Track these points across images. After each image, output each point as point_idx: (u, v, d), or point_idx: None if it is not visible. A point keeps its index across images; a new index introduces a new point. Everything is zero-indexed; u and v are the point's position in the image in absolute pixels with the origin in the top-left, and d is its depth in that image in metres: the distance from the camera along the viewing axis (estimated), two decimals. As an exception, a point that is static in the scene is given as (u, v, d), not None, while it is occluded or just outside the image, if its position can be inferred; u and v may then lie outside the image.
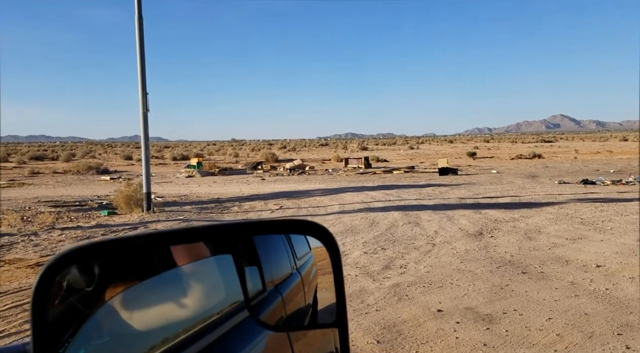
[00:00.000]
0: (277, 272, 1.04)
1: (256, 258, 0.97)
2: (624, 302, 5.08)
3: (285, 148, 75.99)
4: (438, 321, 4.65)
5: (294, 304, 1.04)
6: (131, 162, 41.67)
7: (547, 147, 59.33)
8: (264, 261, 0.99)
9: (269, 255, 1.02)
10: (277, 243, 1.05)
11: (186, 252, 0.86)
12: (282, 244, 1.06)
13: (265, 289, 0.98)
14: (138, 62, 12.30)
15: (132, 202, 12.08)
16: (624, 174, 19.87)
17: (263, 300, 0.97)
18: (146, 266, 0.82)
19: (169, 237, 0.85)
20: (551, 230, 8.91)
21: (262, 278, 0.98)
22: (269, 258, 1.01)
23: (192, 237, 0.88)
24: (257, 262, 0.97)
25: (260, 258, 0.98)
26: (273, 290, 1.00)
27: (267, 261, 1.00)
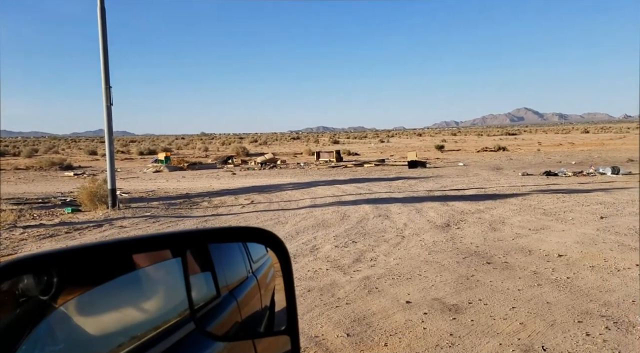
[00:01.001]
0: (231, 276, 1.02)
1: (210, 263, 0.96)
2: (584, 290, 5.28)
3: (256, 142, 75.46)
4: (406, 312, 4.74)
5: (249, 308, 1.03)
6: (96, 157, 40.56)
7: (512, 139, 60.87)
8: (217, 266, 0.97)
9: (223, 259, 1.00)
10: (232, 247, 1.04)
11: (145, 255, 0.85)
12: (236, 247, 1.05)
13: (220, 294, 0.97)
14: (101, 54, 11.95)
15: (97, 199, 11.77)
16: (585, 166, 20.59)
17: (217, 306, 0.95)
18: (103, 270, 0.80)
19: (120, 247, 0.84)
20: (515, 221, 9.17)
21: (216, 284, 0.96)
22: (222, 262, 0.99)
23: (143, 247, 0.86)
24: (210, 267, 0.96)
25: (214, 263, 0.96)
26: (227, 296, 0.99)
27: (221, 266, 0.98)
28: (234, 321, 0.99)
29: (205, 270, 0.96)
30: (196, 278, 0.92)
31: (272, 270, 1.07)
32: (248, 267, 1.07)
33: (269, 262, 1.08)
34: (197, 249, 0.93)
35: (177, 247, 0.89)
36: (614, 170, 17.32)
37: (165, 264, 0.88)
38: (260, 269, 1.09)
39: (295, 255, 7.06)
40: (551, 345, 3.95)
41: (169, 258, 0.88)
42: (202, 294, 0.92)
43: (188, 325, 0.87)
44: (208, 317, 0.92)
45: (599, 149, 34.84)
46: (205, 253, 0.95)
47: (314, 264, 6.58)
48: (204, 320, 0.91)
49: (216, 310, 0.95)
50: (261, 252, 1.08)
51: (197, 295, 0.90)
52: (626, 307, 4.72)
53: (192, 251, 0.91)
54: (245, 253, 1.06)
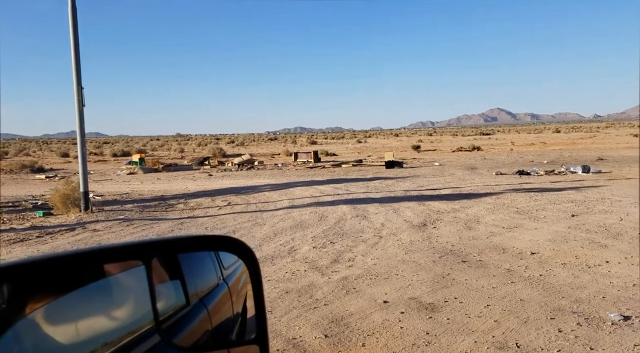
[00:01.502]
0: (201, 284, 1.00)
1: (179, 271, 0.94)
2: (556, 287, 5.40)
3: (233, 143, 74.87)
4: (384, 312, 4.77)
5: (220, 316, 1.02)
6: (68, 159, 39.63)
7: (486, 139, 61.95)
8: (187, 274, 0.95)
9: (193, 267, 0.98)
10: (202, 254, 1.02)
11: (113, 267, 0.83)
12: (207, 254, 1.03)
13: (189, 303, 0.95)
14: (72, 54, 11.69)
15: (70, 202, 11.51)
16: (557, 165, 21.11)
17: (186, 316, 0.94)
18: (70, 278, 0.78)
19: (83, 258, 0.82)
20: (489, 220, 9.33)
21: (186, 292, 0.94)
22: (192, 270, 0.97)
23: (109, 257, 0.84)
24: (179, 275, 0.94)
25: (183, 270, 0.94)
26: (197, 304, 0.97)
27: (191, 273, 0.96)
28: (204, 330, 0.97)
29: (174, 279, 0.94)
30: (164, 286, 0.90)
31: (244, 276, 1.06)
32: (219, 274, 1.05)
33: (240, 269, 1.06)
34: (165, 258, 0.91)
35: (143, 257, 0.87)
36: (585, 169, 17.80)
37: (136, 271, 0.87)
38: (232, 276, 1.08)
39: (273, 256, 7.04)
40: (525, 341, 4.02)
41: (140, 265, 0.87)
42: (171, 303, 0.90)
43: (154, 337, 0.86)
44: (176, 327, 0.90)
45: (570, 148, 35.77)
46: (174, 260, 0.94)
47: (292, 265, 6.56)
48: (172, 330, 0.89)
49: (185, 320, 0.93)
50: (232, 259, 1.06)
51: (165, 304, 0.88)
52: (597, 303, 4.85)
53: (160, 259, 0.89)
54: (215, 260, 1.04)
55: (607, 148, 33.59)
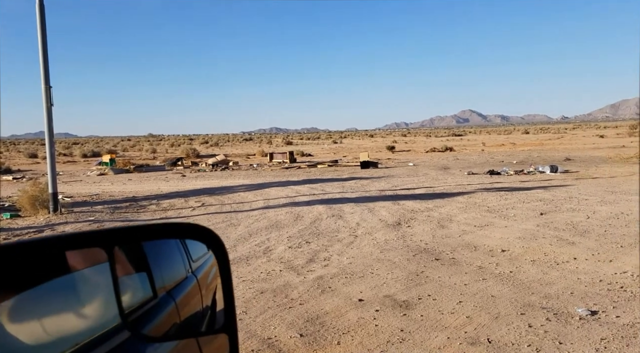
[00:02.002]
0: (169, 276, 0.98)
1: (145, 262, 0.92)
2: (526, 283, 5.53)
3: (207, 143, 74.05)
4: (359, 310, 4.80)
5: (189, 309, 1.00)
6: (36, 160, 38.49)
7: (458, 140, 62.99)
8: (154, 265, 0.93)
9: (160, 258, 0.96)
10: (170, 245, 1.00)
11: (80, 257, 0.80)
12: (174, 246, 1.01)
13: (157, 296, 0.93)
14: (40, 52, 11.37)
15: (38, 203, 11.19)
16: (526, 165, 21.60)
17: (153, 308, 0.92)
18: (32, 272, 0.75)
19: (42, 245, 0.78)
20: (461, 219, 9.49)
21: (153, 284, 0.92)
22: (159, 262, 0.95)
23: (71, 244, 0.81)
24: (146, 267, 0.92)
25: (150, 262, 0.92)
26: (165, 296, 0.95)
27: (158, 265, 0.94)
28: (172, 322, 0.95)
29: (141, 270, 0.92)
30: (130, 279, 0.87)
31: (214, 269, 1.05)
32: (187, 266, 1.03)
33: (210, 261, 1.05)
34: (130, 247, 0.89)
35: (106, 245, 0.84)
36: (553, 169, 18.28)
37: (102, 267, 0.84)
38: (201, 268, 1.06)
39: (249, 257, 7.00)
40: (496, 337, 4.11)
41: (106, 262, 0.85)
42: (138, 296, 0.88)
43: (122, 329, 0.84)
44: (144, 320, 0.88)
45: (539, 148, 36.68)
46: (140, 252, 0.91)
47: (267, 266, 6.54)
48: (139, 322, 0.87)
49: (152, 312, 0.91)
50: (202, 251, 1.04)
51: (131, 297, 0.85)
52: (565, 299, 4.99)
53: (125, 250, 0.87)
54: (184, 252, 1.03)
55: (574, 148, 34.60)
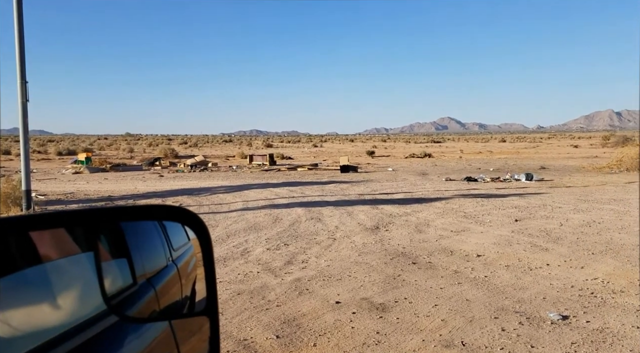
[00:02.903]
0: (149, 264, 0.98)
1: (126, 250, 0.91)
2: (500, 288, 5.63)
3: (186, 144, 73.31)
4: (336, 313, 4.81)
5: (169, 297, 1.00)
6: (9, 157, 37.51)
7: (437, 147, 63.75)
8: (134, 253, 0.92)
9: (141, 246, 0.96)
10: (151, 234, 1.00)
11: (53, 246, 0.79)
12: (156, 234, 1.01)
13: (136, 282, 0.93)
14: (17, 47, 11.11)
15: (10, 201, 10.91)
16: (502, 172, 21.99)
17: (133, 294, 0.91)
18: (6, 260, 0.73)
19: (24, 222, 0.76)
20: (438, 224, 9.60)
21: (133, 272, 0.92)
22: (140, 249, 0.95)
23: (51, 223, 0.79)
24: (127, 254, 0.91)
25: (131, 249, 0.92)
26: (145, 284, 0.95)
27: (138, 253, 0.94)
28: (152, 309, 0.95)
29: (121, 257, 0.91)
30: (110, 265, 0.87)
31: (194, 259, 1.05)
32: (168, 254, 1.03)
33: (190, 251, 1.05)
34: (110, 232, 0.88)
35: (86, 224, 0.83)
36: (528, 177, 18.66)
37: (76, 258, 0.83)
38: (181, 258, 1.06)
39: (226, 258, 6.95)
40: (470, 340, 4.17)
41: (79, 253, 0.83)
42: (117, 282, 0.87)
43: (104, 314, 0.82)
44: (124, 305, 0.88)
45: (515, 157, 37.38)
46: (121, 238, 0.91)
47: (244, 267, 6.50)
48: (121, 307, 0.86)
49: (133, 298, 0.91)
50: (182, 240, 1.05)
51: (111, 283, 0.85)
52: (538, 304, 5.09)
53: (106, 236, 0.86)
54: (164, 241, 1.02)
55: (549, 158, 35.39)
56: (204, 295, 1.00)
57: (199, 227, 0.99)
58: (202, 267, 1.01)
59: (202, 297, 1.02)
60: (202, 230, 0.99)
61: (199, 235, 0.99)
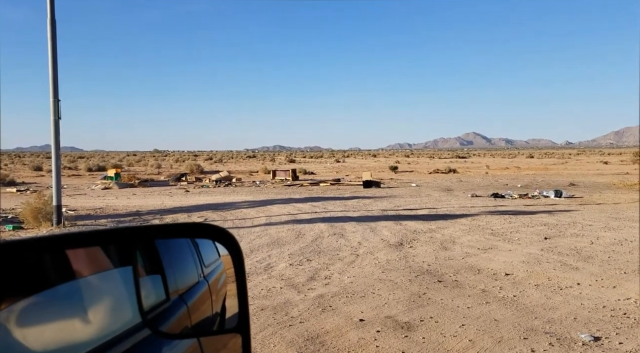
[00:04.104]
0: (182, 280, 1.00)
1: (160, 266, 0.93)
2: (529, 308, 5.48)
3: (211, 159, 74.35)
4: (360, 330, 4.75)
5: (200, 313, 1.01)
6: (41, 173, 38.67)
7: (461, 162, 62.98)
8: (167, 269, 0.94)
9: (174, 263, 0.98)
10: (183, 251, 1.02)
11: (87, 263, 0.80)
12: (188, 251, 1.03)
13: (169, 298, 0.94)
14: (50, 66, 11.53)
15: (41, 216, 11.21)
16: (530, 189, 21.55)
17: (166, 310, 0.93)
18: (41, 277, 0.75)
19: (62, 240, 0.78)
20: (464, 241, 9.44)
21: (166, 287, 0.94)
22: (173, 266, 0.97)
23: (88, 241, 0.82)
24: (160, 270, 0.93)
25: (164, 266, 0.94)
26: (177, 300, 0.97)
27: (172, 269, 0.96)
28: (185, 325, 0.96)
29: (155, 273, 0.93)
30: (144, 280, 0.89)
31: (224, 275, 1.06)
32: (199, 271, 1.05)
33: (220, 268, 1.06)
34: (145, 249, 0.90)
35: (124, 242, 0.85)
36: (557, 194, 18.23)
37: (108, 274, 0.85)
38: (212, 274, 1.07)
39: (249, 273, 6.96)
40: (498, 360, 4.05)
41: (112, 268, 0.85)
42: (151, 298, 0.89)
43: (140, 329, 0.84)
44: (159, 320, 0.90)
45: (543, 173, 36.62)
46: (155, 255, 0.93)
47: (267, 282, 6.50)
48: (155, 321, 0.87)
49: (166, 314, 0.93)
50: (213, 257, 1.06)
51: (145, 299, 0.87)
52: (568, 324, 4.93)
53: (141, 252, 0.88)
54: (196, 257, 1.04)
55: (578, 174, 34.55)
56: (234, 311, 1.00)
57: (231, 244, 1.00)
58: (232, 283, 1.02)
59: (232, 313, 1.02)
60: (234, 247, 1.00)
61: (232, 252, 1.00)
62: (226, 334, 1.02)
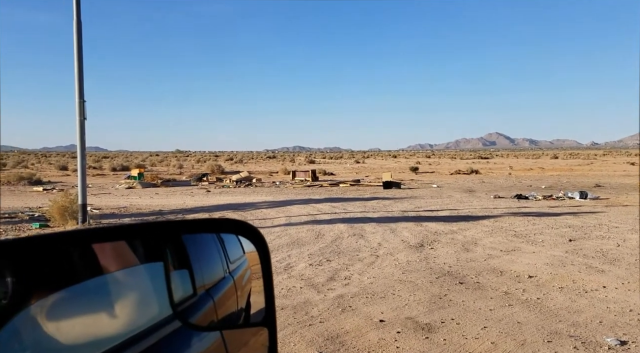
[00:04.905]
0: (209, 275, 1.02)
1: (187, 261, 0.95)
2: (553, 311, 5.38)
3: (232, 160, 75.03)
4: (380, 331, 4.73)
5: (225, 308, 1.03)
6: (66, 172, 39.57)
7: (484, 163, 62.14)
8: (195, 264, 0.96)
9: (201, 258, 1.00)
10: (210, 247, 1.04)
11: (114, 259, 0.82)
12: (214, 247, 1.05)
13: (196, 293, 0.96)
14: (75, 68, 11.80)
15: (67, 214, 11.48)
16: (555, 190, 21.14)
17: (193, 304, 0.95)
18: (70, 272, 0.77)
19: (92, 234, 0.81)
20: (487, 242, 9.31)
21: (193, 282, 0.95)
22: (200, 261, 0.99)
23: (117, 235, 0.84)
24: (187, 266, 0.95)
25: (191, 261, 0.96)
26: (204, 294, 0.99)
27: (199, 264, 0.98)
28: (211, 319, 0.98)
29: (182, 268, 0.95)
30: (173, 275, 0.91)
31: (248, 272, 1.08)
32: (225, 267, 1.07)
33: (245, 264, 1.08)
34: (173, 245, 0.92)
35: (151, 237, 0.87)
36: (582, 195, 17.84)
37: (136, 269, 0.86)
38: (237, 270, 1.09)
39: (269, 273, 7.00)
40: (521, 364, 3.99)
41: (139, 264, 0.87)
42: (179, 292, 0.91)
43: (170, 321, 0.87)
44: (187, 313, 0.92)
45: (568, 174, 35.88)
46: (183, 251, 0.95)
47: (287, 282, 6.52)
48: (184, 314, 0.90)
49: (194, 307, 0.95)
50: (238, 253, 1.08)
51: (174, 293, 0.89)
52: (594, 328, 4.83)
53: (169, 248, 0.90)
54: (222, 254, 1.06)
55: (604, 175, 33.73)
56: (259, 308, 1.02)
57: (257, 239, 1.02)
58: (255, 280, 1.03)
59: (256, 309, 1.04)
60: (260, 242, 1.02)
61: (258, 247, 1.02)
62: (252, 328, 1.04)
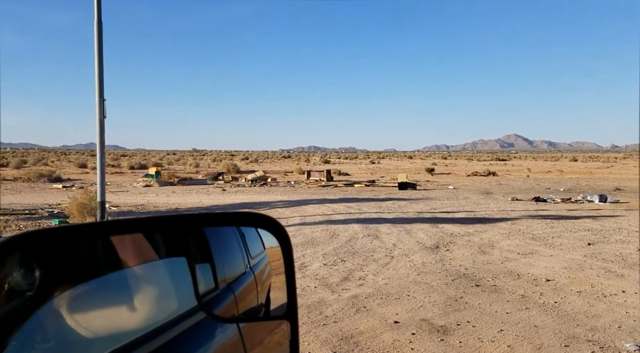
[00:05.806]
0: (230, 270, 1.03)
1: (209, 255, 0.97)
2: (571, 315, 5.29)
3: (247, 159, 75.44)
4: (394, 332, 4.71)
5: (246, 302, 1.04)
6: (85, 170, 40.21)
7: (501, 165, 61.42)
8: (217, 259, 0.98)
9: (223, 253, 1.01)
10: (231, 242, 1.05)
11: (135, 253, 0.83)
12: (235, 243, 1.06)
13: (218, 287, 0.98)
14: (96, 67, 11.96)
15: (86, 211, 11.66)
16: (574, 193, 20.80)
17: (215, 298, 0.96)
18: (92, 265, 0.78)
19: (115, 226, 0.82)
20: (504, 245, 9.20)
21: (215, 276, 0.97)
22: (222, 256, 1.00)
23: (140, 227, 0.86)
24: (209, 260, 0.96)
25: (214, 255, 0.97)
26: (225, 288, 1.00)
27: (220, 259, 0.99)
28: (231, 313, 1.00)
29: (205, 262, 0.97)
30: (197, 268, 0.92)
31: (268, 267, 1.09)
32: (246, 262, 1.08)
33: (266, 259, 1.09)
34: (196, 239, 0.93)
35: (174, 229, 0.89)
36: (602, 198, 17.52)
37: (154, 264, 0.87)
38: (258, 265, 1.10)
39: (284, 272, 7.03)
40: (538, 368, 3.93)
41: (157, 259, 0.88)
42: (201, 285, 0.92)
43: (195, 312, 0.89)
44: (210, 305, 0.94)
45: (587, 177, 35.27)
46: (205, 245, 0.96)
47: (302, 282, 6.53)
48: (208, 306, 0.92)
49: (215, 301, 0.97)
50: (259, 249, 1.09)
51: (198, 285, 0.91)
52: (612, 333, 4.74)
53: (192, 242, 0.92)
54: (243, 250, 1.08)
55: (624, 178, 33.06)
56: (279, 303, 1.03)
57: (280, 232, 1.03)
58: (275, 276, 1.05)
59: (276, 305, 1.05)
60: (283, 236, 1.03)
61: (281, 242, 1.03)
62: (270, 325, 1.05)
